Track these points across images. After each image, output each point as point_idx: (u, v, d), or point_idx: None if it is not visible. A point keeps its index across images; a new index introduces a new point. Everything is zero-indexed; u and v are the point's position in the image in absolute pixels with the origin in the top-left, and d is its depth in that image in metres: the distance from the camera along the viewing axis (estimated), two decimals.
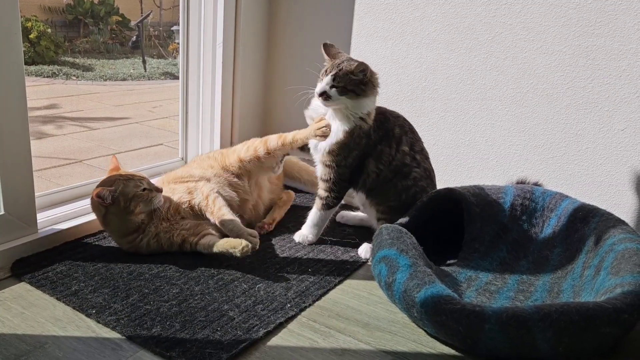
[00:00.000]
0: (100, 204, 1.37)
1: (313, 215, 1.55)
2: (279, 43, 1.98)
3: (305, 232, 1.56)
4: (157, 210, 1.42)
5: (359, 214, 1.71)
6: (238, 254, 1.34)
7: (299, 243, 1.56)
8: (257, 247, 1.38)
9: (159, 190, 1.43)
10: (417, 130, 1.57)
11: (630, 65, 1.43)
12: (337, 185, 1.49)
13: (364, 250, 1.51)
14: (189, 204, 1.47)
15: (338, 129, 1.45)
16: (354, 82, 1.40)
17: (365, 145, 1.46)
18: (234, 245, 1.35)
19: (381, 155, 1.47)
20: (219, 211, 1.43)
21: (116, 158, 1.50)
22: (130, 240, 1.41)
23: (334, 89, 1.40)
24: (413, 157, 1.50)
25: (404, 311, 1.19)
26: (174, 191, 1.50)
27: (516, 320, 1.02)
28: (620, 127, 1.48)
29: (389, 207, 1.51)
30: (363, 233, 1.65)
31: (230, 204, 1.50)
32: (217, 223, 1.43)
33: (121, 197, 1.37)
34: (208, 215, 1.45)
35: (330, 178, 1.49)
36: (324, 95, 1.41)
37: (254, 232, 1.42)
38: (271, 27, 1.98)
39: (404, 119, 1.54)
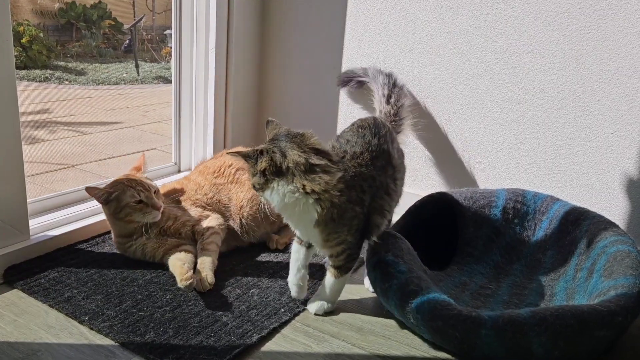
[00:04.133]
0: (95, 199, 1.40)
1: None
2: (272, 47, 1.98)
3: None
4: (153, 225, 1.40)
5: None
6: (178, 283, 1.26)
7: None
8: (193, 286, 1.27)
9: (157, 207, 1.38)
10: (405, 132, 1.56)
11: (619, 69, 1.45)
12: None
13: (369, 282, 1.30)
14: (193, 228, 1.45)
15: None
16: None
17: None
18: (181, 273, 1.27)
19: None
20: (207, 245, 1.39)
21: (144, 157, 1.52)
22: (120, 242, 1.42)
23: None
24: (400, 161, 1.31)
25: (400, 317, 1.19)
26: (185, 212, 1.48)
27: (512, 325, 1.03)
28: (610, 131, 1.49)
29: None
30: None
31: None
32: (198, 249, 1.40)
33: (115, 202, 1.37)
34: (198, 240, 1.43)
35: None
36: None
37: (207, 280, 1.29)
38: (264, 31, 1.98)
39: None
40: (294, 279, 1.26)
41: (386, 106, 1.57)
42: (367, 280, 1.33)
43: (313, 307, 1.25)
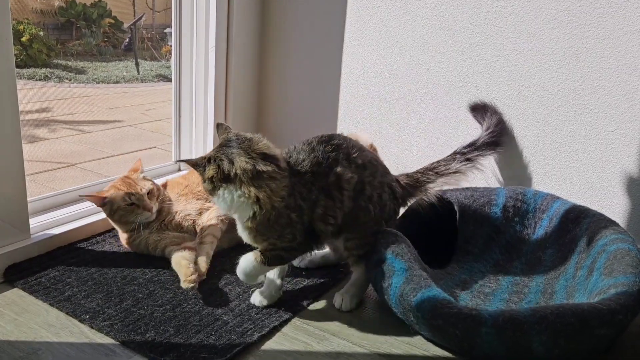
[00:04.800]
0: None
1: None
2: (272, 46, 1.98)
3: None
4: (155, 220, 1.46)
5: (319, 252, 1.44)
6: (182, 284, 1.27)
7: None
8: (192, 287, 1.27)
9: (148, 209, 1.42)
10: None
11: (619, 67, 1.45)
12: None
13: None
14: (194, 222, 1.49)
15: None
16: None
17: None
18: (186, 274, 1.27)
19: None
20: (204, 237, 1.42)
21: (140, 161, 1.55)
22: (124, 238, 1.47)
23: None
24: (357, 168, 1.25)
25: (400, 315, 1.19)
26: (187, 206, 1.52)
27: (512, 324, 1.03)
28: (611, 129, 1.49)
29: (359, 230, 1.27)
30: None
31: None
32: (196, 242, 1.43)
33: (108, 205, 1.43)
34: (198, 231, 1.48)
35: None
36: None
37: (200, 270, 1.32)
38: (264, 30, 1.98)
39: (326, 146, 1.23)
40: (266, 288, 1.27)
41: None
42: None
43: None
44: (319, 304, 1.28)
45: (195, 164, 1.15)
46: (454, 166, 1.45)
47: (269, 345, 1.13)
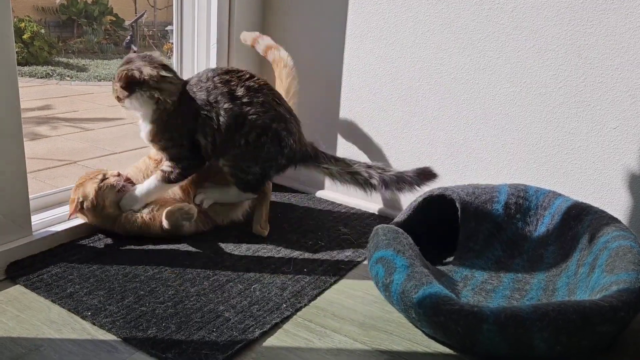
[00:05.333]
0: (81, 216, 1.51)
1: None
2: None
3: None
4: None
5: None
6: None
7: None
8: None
9: (116, 174, 1.52)
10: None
11: (622, 63, 1.44)
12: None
13: (199, 199, 1.55)
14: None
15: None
16: None
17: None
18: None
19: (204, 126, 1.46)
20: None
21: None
22: (117, 225, 1.51)
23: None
24: (242, 104, 1.45)
25: (401, 312, 1.19)
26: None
27: (514, 320, 1.03)
28: (613, 126, 1.49)
29: (232, 156, 1.48)
30: (357, 232, 1.66)
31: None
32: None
33: (85, 202, 1.46)
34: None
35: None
36: None
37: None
38: (265, 27, 1.98)
39: (215, 79, 1.47)
40: None
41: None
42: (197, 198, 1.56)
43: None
44: (321, 301, 1.29)
45: (114, 77, 1.45)
46: (353, 170, 1.57)
47: (270, 341, 1.13)
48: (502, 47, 1.59)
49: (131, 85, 1.41)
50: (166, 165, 1.50)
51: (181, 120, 1.46)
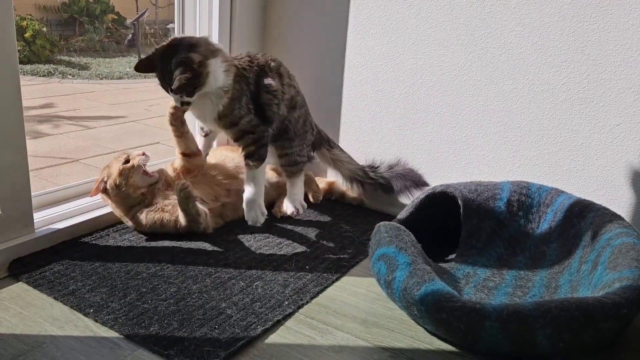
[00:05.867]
0: (103, 197, 1.55)
1: None
2: (275, 41, 1.97)
3: None
4: (156, 184, 1.55)
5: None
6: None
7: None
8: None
9: (141, 154, 1.54)
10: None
11: (625, 60, 1.44)
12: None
13: (292, 209, 1.59)
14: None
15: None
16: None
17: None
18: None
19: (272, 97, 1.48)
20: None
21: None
22: (134, 215, 1.52)
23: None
24: (290, 85, 1.53)
25: (403, 309, 1.19)
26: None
27: (517, 317, 1.03)
28: (616, 122, 1.48)
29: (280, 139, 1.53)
30: (359, 230, 1.66)
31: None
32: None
33: (109, 180, 1.49)
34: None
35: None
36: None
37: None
38: (266, 25, 1.97)
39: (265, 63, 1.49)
40: None
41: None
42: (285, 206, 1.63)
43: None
44: (323, 298, 1.28)
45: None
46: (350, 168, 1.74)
47: (273, 339, 1.13)
48: (505, 44, 1.58)
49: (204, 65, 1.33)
50: (244, 154, 1.45)
51: (245, 99, 1.42)
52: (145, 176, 1.53)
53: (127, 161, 1.52)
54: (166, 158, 1.97)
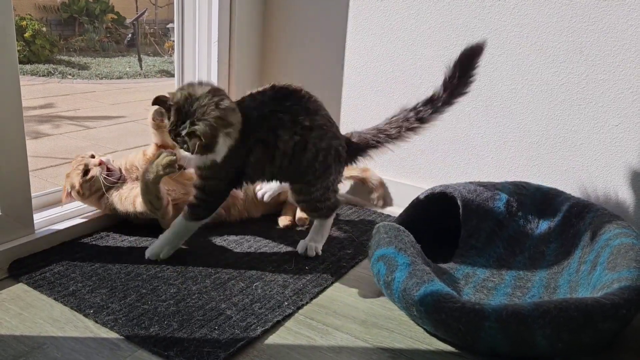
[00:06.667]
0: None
1: None
2: (274, 41, 1.98)
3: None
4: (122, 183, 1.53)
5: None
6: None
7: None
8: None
9: (98, 163, 1.51)
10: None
11: (624, 61, 1.44)
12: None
13: (302, 247, 1.48)
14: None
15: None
16: None
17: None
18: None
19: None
20: None
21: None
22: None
23: None
24: (301, 128, 1.34)
25: (403, 310, 1.19)
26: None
27: (516, 318, 1.03)
28: (615, 123, 1.48)
29: (298, 182, 1.41)
30: (359, 230, 1.66)
31: None
32: None
33: (72, 191, 1.51)
34: None
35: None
36: None
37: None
38: (266, 24, 1.97)
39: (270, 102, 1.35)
40: None
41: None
42: (300, 246, 1.49)
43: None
44: (322, 299, 1.29)
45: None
46: (405, 129, 1.47)
47: (273, 339, 1.13)
48: (504, 44, 1.58)
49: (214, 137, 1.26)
50: (194, 197, 1.38)
51: (241, 152, 1.32)
52: (110, 178, 1.50)
53: (85, 172, 1.49)
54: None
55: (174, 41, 1.98)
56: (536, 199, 1.47)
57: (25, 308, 1.18)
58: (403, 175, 1.83)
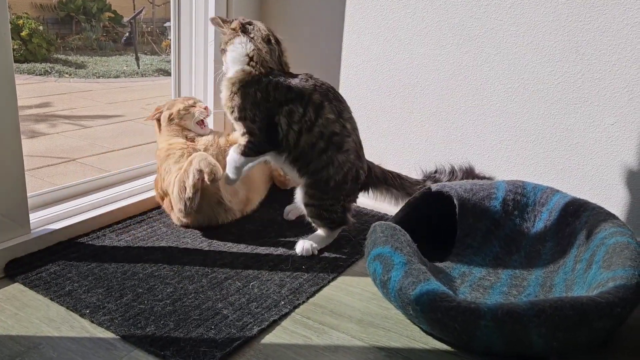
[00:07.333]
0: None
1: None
2: None
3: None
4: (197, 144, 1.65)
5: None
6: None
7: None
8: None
9: (204, 107, 1.68)
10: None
11: (619, 60, 1.44)
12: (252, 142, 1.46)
13: (300, 247, 1.48)
14: None
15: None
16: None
17: (262, 100, 1.41)
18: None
19: (291, 114, 1.41)
20: None
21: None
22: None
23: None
24: (343, 126, 1.45)
25: (399, 309, 1.19)
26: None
27: (511, 317, 1.03)
28: (610, 122, 1.49)
29: (315, 181, 1.45)
30: (355, 229, 1.66)
31: None
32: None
33: (165, 112, 1.68)
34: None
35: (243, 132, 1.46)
36: None
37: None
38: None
39: (329, 88, 1.48)
40: None
41: None
42: (299, 246, 1.49)
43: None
44: (319, 298, 1.29)
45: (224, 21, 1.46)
46: (416, 189, 1.57)
47: (269, 339, 1.13)
48: (500, 44, 1.59)
49: (243, 30, 1.42)
50: (241, 139, 1.47)
51: (263, 98, 1.41)
52: (198, 126, 1.65)
53: (191, 106, 1.64)
54: None
55: (171, 40, 1.98)
56: (532, 198, 1.47)
57: (21, 308, 1.18)
58: None
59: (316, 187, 1.46)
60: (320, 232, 1.53)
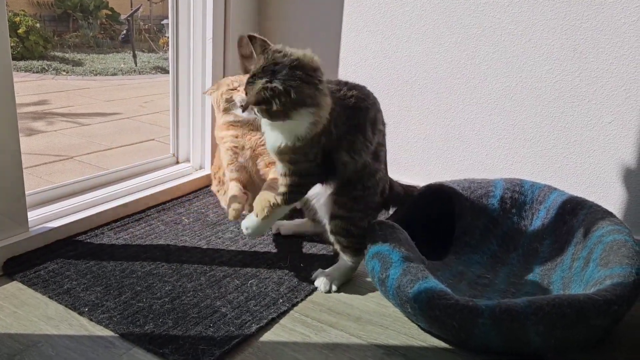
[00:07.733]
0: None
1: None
2: (269, 38, 1.97)
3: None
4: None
5: (294, 221, 1.57)
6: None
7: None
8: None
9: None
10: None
11: (617, 58, 1.44)
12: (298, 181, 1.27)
13: (322, 283, 1.31)
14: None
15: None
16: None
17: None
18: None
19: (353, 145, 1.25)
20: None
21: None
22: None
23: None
24: (384, 134, 1.35)
25: (397, 307, 1.20)
26: None
27: (509, 315, 1.04)
28: (608, 120, 1.49)
29: (346, 187, 1.28)
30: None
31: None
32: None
33: (212, 88, 1.71)
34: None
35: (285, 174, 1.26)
36: None
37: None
38: (261, 22, 1.97)
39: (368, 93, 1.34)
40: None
41: None
42: (320, 282, 1.32)
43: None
44: (317, 296, 1.29)
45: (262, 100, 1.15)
46: None
47: (267, 336, 1.13)
48: (498, 42, 1.59)
49: (298, 103, 1.14)
50: (283, 183, 1.26)
51: (324, 138, 1.21)
52: (240, 109, 1.61)
53: (232, 89, 1.63)
54: (161, 156, 1.97)
55: (168, 37, 1.97)
56: (530, 196, 1.47)
57: (19, 306, 1.18)
58: (397, 172, 1.84)
59: (348, 194, 1.28)
60: (343, 260, 1.34)
